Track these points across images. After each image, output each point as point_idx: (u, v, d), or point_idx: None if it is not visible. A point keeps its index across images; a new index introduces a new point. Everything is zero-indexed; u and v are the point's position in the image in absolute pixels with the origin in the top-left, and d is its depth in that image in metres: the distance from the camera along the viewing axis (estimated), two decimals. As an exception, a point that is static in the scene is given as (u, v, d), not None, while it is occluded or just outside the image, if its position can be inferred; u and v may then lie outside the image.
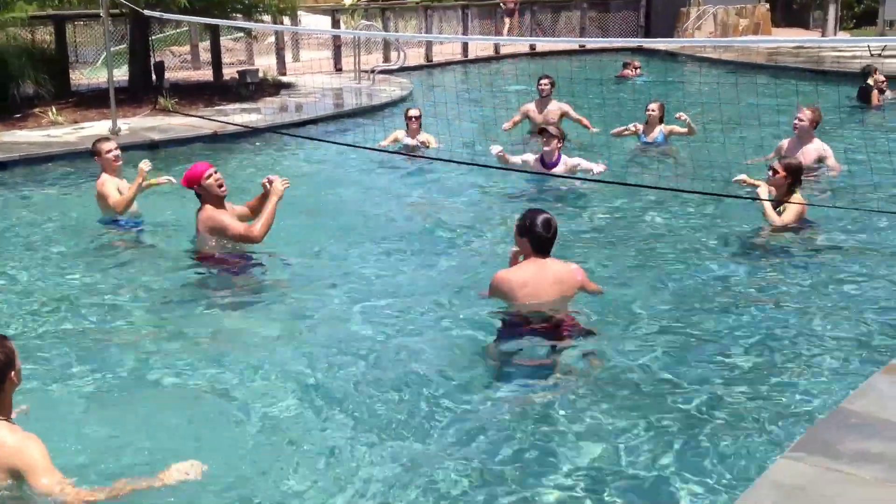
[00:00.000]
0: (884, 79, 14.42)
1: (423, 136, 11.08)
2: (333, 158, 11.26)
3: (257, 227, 6.48)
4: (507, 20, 25.90)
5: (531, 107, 12.04)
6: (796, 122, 9.40)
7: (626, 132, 11.03)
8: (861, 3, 35.32)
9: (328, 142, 11.34)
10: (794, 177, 7.37)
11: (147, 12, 10.07)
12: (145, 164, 7.53)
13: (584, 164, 9.15)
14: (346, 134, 12.93)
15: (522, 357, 5.20)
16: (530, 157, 9.36)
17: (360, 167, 10.57)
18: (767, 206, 7.32)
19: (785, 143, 9.50)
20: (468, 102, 15.18)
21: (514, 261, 5.54)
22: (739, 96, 12.22)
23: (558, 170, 9.09)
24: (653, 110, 10.95)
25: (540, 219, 5.32)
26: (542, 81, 11.94)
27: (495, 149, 9.15)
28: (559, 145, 9.23)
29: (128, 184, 7.68)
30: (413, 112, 11.18)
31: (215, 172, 6.62)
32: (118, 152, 7.79)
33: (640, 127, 10.95)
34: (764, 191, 7.40)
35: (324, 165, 11.09)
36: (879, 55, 19.50)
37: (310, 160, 11.37)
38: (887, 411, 3.90)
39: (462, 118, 12.78)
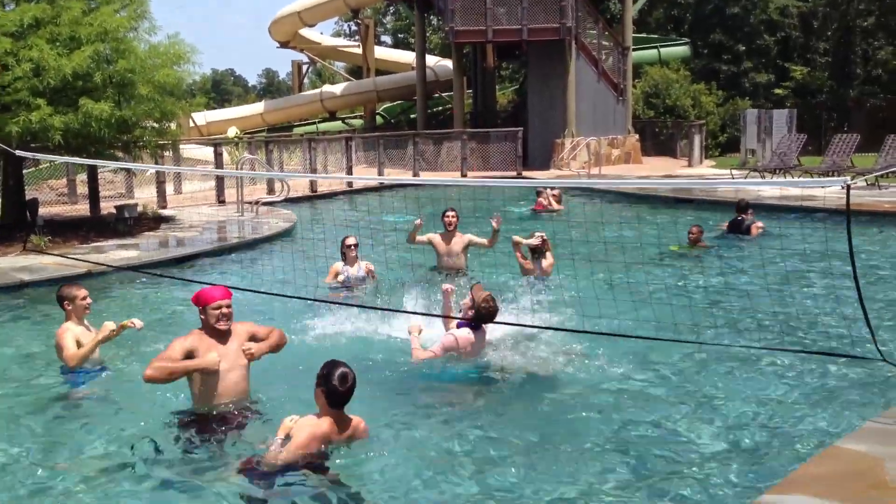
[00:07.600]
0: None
1: (365, 264, 10.72)
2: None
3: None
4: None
5: (437, 238, 11.61)
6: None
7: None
8: (724, 133, 37.66)
9: (200, 283, 11.06)
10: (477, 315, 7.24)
11: (19, 153, 9.83)
12: (111, 324, 6.99)
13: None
14: (230, 268, 12.73)
15: None
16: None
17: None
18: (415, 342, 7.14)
19: None
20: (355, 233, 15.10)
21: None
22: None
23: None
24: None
25: (338, 372, 5.16)
26: (449, 214, 11.54)
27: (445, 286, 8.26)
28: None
29: (88, 332, 7.23)
30: (350, 240, 10.74)
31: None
32: (90, 300, 7.40)
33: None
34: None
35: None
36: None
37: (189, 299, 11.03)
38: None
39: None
